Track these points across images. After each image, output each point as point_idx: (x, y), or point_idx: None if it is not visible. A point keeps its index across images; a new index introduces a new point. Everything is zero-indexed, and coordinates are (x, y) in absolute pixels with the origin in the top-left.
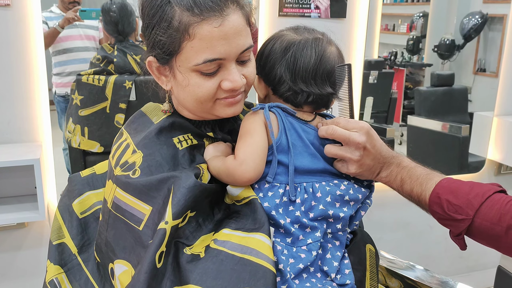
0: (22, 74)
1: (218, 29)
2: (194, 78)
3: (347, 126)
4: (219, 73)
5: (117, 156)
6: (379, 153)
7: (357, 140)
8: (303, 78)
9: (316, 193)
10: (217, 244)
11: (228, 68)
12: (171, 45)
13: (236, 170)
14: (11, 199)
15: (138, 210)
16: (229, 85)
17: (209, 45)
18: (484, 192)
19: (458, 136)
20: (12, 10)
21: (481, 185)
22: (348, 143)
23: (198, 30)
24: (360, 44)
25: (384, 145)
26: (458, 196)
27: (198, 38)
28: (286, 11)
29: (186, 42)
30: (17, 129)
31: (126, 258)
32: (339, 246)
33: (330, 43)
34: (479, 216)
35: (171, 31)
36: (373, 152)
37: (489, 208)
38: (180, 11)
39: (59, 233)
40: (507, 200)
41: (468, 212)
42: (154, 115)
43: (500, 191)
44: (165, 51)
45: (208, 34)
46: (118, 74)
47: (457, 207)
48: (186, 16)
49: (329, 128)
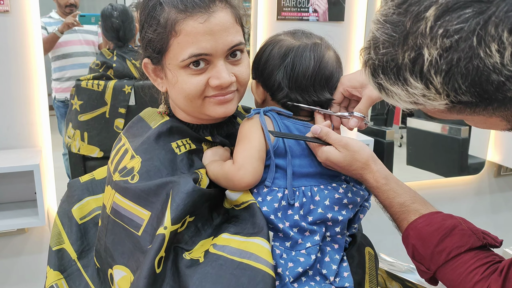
0: (22, 79)
1: (203, 25)
2: (182, 76)
3: (335, 141)
4: (207, 71)
5: (115, 161)
6: (347, 171)
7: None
8: (301, 85)
9: (315, 196)
10: (216, 248)
11: (216, 65)
12: (160, 43)
13: (234, 175)
14: (11, 204)
15: (137, 216)
16: (216, 82)
17: (194, 40)
18: (453, 248)
19: (458, 138)
20: (11, 16)
21: (456, 236)
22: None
23: (184, 26)
24: (359, 47)
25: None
26: (425, 246)
27: (183, 34)
28: (284, 15)
29: (173, 39)
30: (16, 134)
31: (125, 263)
32: (338, 249)
33: (328, 47)
34: (440, 274)
35: (159, 29)
36: (339, 170)
37: (451, 270)
38: (169, 9)
39: (58, 238)
40: (473, 268)
41: (430, 266)
42: (152, 120)
43: (480, 247)
44: (155, 49)
45: (193, 30)
46: (117, 79)
47: (421, 257)
48: (173, 13)
49: (323, 129)
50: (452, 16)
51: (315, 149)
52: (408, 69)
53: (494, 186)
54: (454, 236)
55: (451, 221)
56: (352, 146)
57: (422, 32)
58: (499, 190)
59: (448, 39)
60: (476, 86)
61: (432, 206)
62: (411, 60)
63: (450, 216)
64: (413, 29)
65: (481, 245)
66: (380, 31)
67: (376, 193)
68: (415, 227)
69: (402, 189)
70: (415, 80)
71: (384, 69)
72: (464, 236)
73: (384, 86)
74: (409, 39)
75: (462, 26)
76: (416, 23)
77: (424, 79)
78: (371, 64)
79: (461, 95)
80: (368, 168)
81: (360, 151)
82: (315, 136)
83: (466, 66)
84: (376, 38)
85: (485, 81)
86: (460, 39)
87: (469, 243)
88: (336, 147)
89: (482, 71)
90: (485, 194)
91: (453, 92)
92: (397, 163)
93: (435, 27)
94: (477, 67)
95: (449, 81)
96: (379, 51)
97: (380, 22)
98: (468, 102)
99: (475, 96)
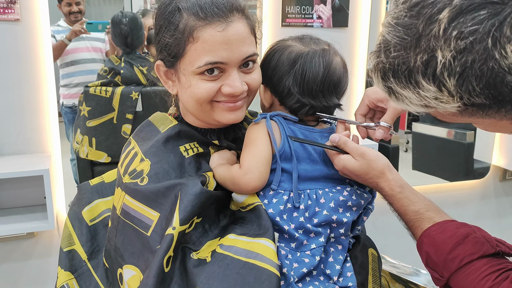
0: (32, 86)
1: (221, 34)
2: (195, 80)
3: (352, 150)
4: (221, 78)
5: (125, 164)
6: (362, 180)
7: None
8: (311, 91)
9: (320, 199)
10: (223, 249)
11: (230, 73)
12: (176, 48)
13: (241, 179)
14: (21, 209)
15: (146, 217)
16: (229, 90)
17: (211, 48)
18: (465, 255)
19: (463, 142)
20: (22, 24)
21: (469, 243)
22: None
23: (202, 33)
24: (363, 52)
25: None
26: (438, 253)
27: (201, 41)
28: (289, 21)
29: (190, 45)
30: (26, 140)
31: (134, 263)
32: (342, 250)
33: (336, 53)
34: (453, 282)
35: (177, 34)
36: (354, 178)
37: (464, 276)
38: (187, 16)
39: (69, 240)
40: (485, 274)
41: (443, 273)
42: (161, 124)
43: (493, 254)
44: (171, 53)
45: (211, 38)
46: (125, 85)
47: (435, 264)
48: (192, 20)
49: (341, 138)
50: (466, 18)
51: (332, 157)
52: (420, 71)
53: (500, 190)
54: (467, 243)
55: (465, 229)
56: (368, 155)
57: (436, 35)
58: (505, 194)
59: (463, 41)
60: (491, 88)
61: (446, 214)
62: (424, 63)
63: (464, 224)
64: (426, 32)
65: (495, 252)
66: (392, 34)
67: (391, 201)
68: (428, 234)
69: (417, 197)
70: (428, 82)
71: (395, 72)
72: (477, 243)
73: (394, 90)
74: (421, 42)
75: (477, 27)
76: (429, 25)
77: (437, 82)
78: (382, 68)
79: (474, 97)
80: (383, 177)
81: (376, 160)
82: (333, 145)
83: (481, 68)
84: (387, 41)
85: (500, 82)
86: (474, 40)
87: (482, 250)
88: (353, 155)
89: (497, 72)
90: (491, 199)
91: (467, 94)
92: (403, 168)
93: (449, 29)
94: (491, 69)
95: (463, 83)
96: (390, 54)
97: (391, 25)
98: (481, 105)
99: (489, 98)
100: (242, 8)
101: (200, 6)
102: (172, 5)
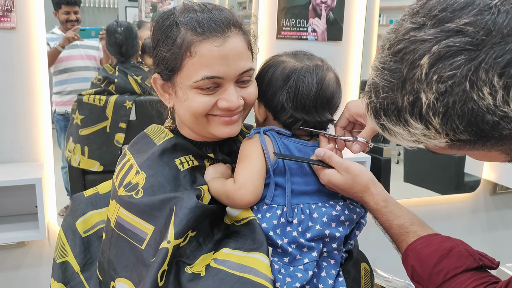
0: (26, 95)
1: (218, 49)
2: (192, 94)
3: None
4: (217, 92)
5: (120, 176)
6: (348, 194)
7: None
8: (304, 106)
9: (313, 214)
10: (217, 263)
11: (227, 88)
12: (174, 62)
13: (235, 194)
14: (11, 218)
15: (141, 230)
16: (225, 104)
17: (208, 63)
18: (450, 269)
19: (454, 156)
20: (17, 33)
21: (454, 257)
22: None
23: (199, 48)
24: (357, 65)
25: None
26: (423, 266)
27: (198, 55)
28: (284, 34)
29: (187, 59)
30: (19, 148)
31: (127, 276)
32: (334, 264)
33: (329, 69)
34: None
35: (174, 48)
36: (340, 192)
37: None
38: (185, 30)
39: (62, 251)
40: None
41: (429, 286)
42: (156, 136)
43: (476, 268)
44: (168, 67)
45: (208, 52)
46: (118, 94)
47: (420, 278)
48: (190, 35)
49: (326, 153)
50: (444, 64)
51: (317, 171)
52: (408, 111)
53: (490, 204)
54: (452, 257)
55: (449, 242)
56: (353, 170)
57: (418, 78)
58: (495, 208)
59: (443, 84)
60: (473, 126)
61: (430, 228)
62: (410, 103)
63: (448, 238)
64: (409, 75)
65: (478, 266)
66: (379, 77)
67: (376, 215)
68: (414, 248)
69: (401, 211)
70: (415, 121)
71: (386, 112)
72: (461, 257)
73: (386, 127)
74: (406, 84)
75: (455, 72)
76: (412, 70)
77: (423, 120)
78: (373, 107)
79: (459, 134)
80: (368, 191)
81: (361, 175)
82: (319, 159)
83: (462, 108)
84: (376, 83)
85: (481, 121)
86: (454, 84)
87: (466, 264)
88: (338, 170)
89: (477, 112)
90: (481, 212)
91: (452, 132)
92: (394, 180)
93: (429, 74)
94: (471, 109)
95: (447, 122)
96: (380, 95)
97: (379, 69)
98: (467, 140)
99: (473, 135)
100: (239, 24)
101: (198, 21)
102: (170, 19)
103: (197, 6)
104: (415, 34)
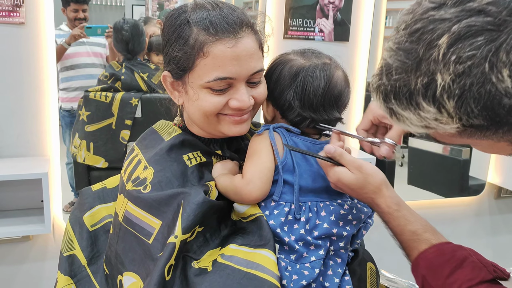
0: (33, 90)
1: (231, 50)
2: (203, 94)
3: (349, 162)
4: (228, 92)
5: (129, 171)
6: (357, 194)
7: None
8: (312, 105)
9: (321, 212)
10: (224, 258)
11: (238, 88)
12: (186, 61)
13: (243, 189)
14: (17, 211)
15: (148, 224)
16: (237, 104)
17: (221, 64)
18: (464, 280)
19: (459, 159)
20: (26, 28)
21: (468, 268)
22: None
23: (212, 49)
24: (363, 66)
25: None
26: (436, 276)
27: (211, 56)
28: (291, 34)
29: (200, 59)
30: (26, 143)
31: (135, 270)
32: (341, 263)
33: (337, 67)
34: None
35: (187, 48)
36: (349, 192)
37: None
38: (197, 30)
39: (69, 245)
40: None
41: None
42: (165, 132)
43: (490, 280)
44: (179, 66)
45: (221, 54)
46: (125, 91)
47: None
48: (202, 35)
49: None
50: (464, 44)
51: (326, 169)
52: (421, 93)
53: (494, 208)
54: (465, 268)
55: (461, 252)
56: (365, 169)
57: (435, 59)
58: (499, 212)
59: (461, 65)
60: (488, 110)
61: (442, 236)
62: (424, 85)
63: (460, 247)
64: (426, 56)
65: (492, 278)
66: (393, 58)
67: (387, 218)
68: (425, 257)
69: (414, 217)
70: (428, 104)
71: (396, 94)
72: (475, 268)
73: (395, 111)
74: (422, 65)
75: (475, 53)
76: (429, 50)
77: (436, 103)
78: (383, 90)
79: (473, 118)
80: (380, 193)
81: (374, 175)
82: (328, 156)
83: (479, 91)
84: (388, 64)
85: (497, 104)
86: (472, 65)
87: (480, 276)
88: (349, 168)
89: (494, 95)
90: (485, 216)
91: (466, 116)
92: (398, 183)
93: (448, 54)
94: (489, 92)
95: (462, 105)
96: (392, 77)
97: (393, 50)
98: (480, 126)
99: (487, 120)
100: (252, 24)
101: (211, 21)
102: (182, 17)
103: (209, 4)
104: (434, 14)
